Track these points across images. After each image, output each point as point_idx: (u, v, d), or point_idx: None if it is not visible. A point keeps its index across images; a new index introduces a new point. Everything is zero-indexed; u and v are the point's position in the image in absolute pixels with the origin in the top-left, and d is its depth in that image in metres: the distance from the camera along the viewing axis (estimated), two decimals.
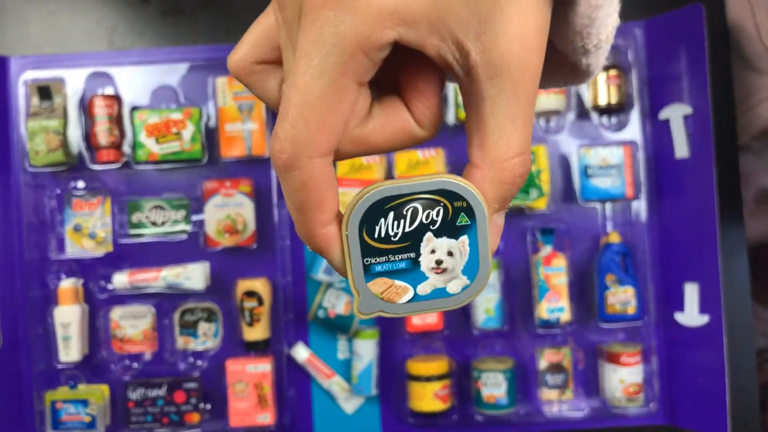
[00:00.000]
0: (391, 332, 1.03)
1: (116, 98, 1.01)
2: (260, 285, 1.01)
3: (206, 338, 1.03)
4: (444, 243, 0.27)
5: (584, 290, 1.04)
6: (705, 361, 0.97)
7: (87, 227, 1.03)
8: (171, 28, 1.05)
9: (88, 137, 1.02)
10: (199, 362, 1.03)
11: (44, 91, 1.01)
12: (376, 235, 0.26)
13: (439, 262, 0.27)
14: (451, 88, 1.02)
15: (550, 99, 1.01)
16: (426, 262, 0.27)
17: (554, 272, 1.00)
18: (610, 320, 1.02)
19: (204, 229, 1.02)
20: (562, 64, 0.31)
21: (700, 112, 0.96)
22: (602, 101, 1.02)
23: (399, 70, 0.27)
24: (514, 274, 1.03)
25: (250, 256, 1.03)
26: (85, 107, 1.02)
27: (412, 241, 0.27)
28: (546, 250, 1.01)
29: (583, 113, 1.04)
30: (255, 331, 1.01)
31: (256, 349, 1.01)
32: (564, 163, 1.04)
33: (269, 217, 1.03)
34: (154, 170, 1.03)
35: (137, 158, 1.00)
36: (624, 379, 1.00)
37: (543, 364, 1.03)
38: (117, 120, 1.01)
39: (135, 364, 1.03)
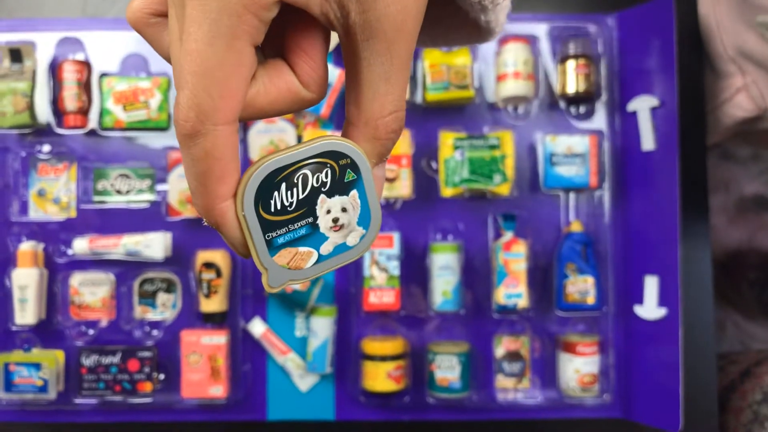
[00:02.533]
0: (348, 311, 1.03)
1: (86, 64, 1.02)
2: (220, 257, 1.01)
3: (165, 309, 1.03)
4: (337, 201, 0.28)
5: (545, 279, 1.04)
6: (661, 355, 0.96)
7: (51, 192, 1.03)
8: None
9: (56, 102, 1.02)
10: (156, 332, 1.03)
11: (15, 54, 1.01)
12: (272, 209, 0.27)
13: (335, 220, 0.28)
14: (420, 68, 1.02)
15: (518, 85, 1.01)
16: (324, 223, 0.28)
17: (513, 258, 1.00)
18: (568, 309, 1.01)
19: (166, 199, 1.02)
20: (464, 21, 0.32)
21: (667, 105, 0.96)
22: (570, 90, 1.02)
23: (283, 31, 0.27)
24: (474, 259, 1.03)
25: (211, 227, 1.02)
26: (55, 71, 1.02)
27: (308, 206, 0.28)
28: (507, 235, 1.01)
29: (551, 101, 1.04)
30: (212, 302, 1.01)
31: (213, 321, 1.01)
32: (530, 151, 1.04)
33: None
34: (121, 138, 1.03)
35: (104, 125, 1.01)
36: (579, 369, 1.00)
37: (500, 351, 1.02)
38: (85, 86, 1.01)
39: (91, 331, 1.02)
